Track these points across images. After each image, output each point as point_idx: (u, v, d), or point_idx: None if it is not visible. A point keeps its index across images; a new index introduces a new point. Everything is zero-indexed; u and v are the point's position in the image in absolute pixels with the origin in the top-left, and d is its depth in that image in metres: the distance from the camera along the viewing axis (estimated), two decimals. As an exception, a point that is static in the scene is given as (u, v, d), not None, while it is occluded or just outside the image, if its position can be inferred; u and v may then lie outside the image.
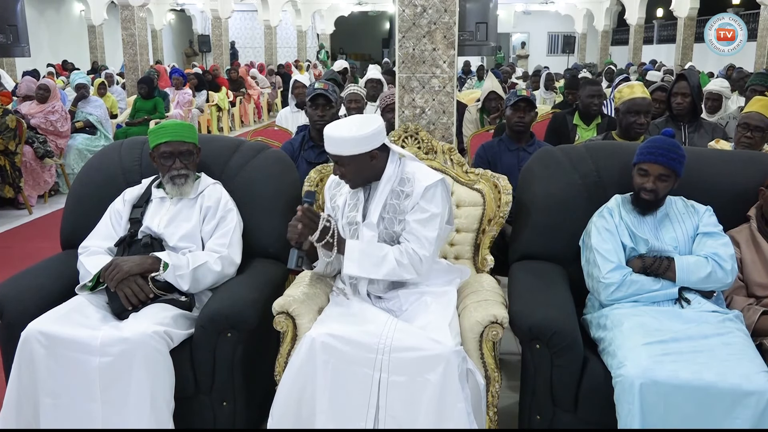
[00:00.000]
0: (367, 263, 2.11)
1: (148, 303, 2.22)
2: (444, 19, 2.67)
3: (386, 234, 2.19)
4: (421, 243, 2.13)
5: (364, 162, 2.14)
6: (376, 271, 2.11)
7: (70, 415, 2.00)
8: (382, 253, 2.12)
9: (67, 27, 18.60)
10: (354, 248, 2.12)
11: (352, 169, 2.15)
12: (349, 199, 2.26)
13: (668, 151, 2.21)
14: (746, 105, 3.31)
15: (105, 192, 2.57)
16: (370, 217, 2.18)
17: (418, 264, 2.13)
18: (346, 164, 2.13)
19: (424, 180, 2.16)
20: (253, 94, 12.50)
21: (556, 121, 4.50)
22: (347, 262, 2.11)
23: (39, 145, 6.01)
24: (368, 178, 2.20)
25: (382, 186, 2.19)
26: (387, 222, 2.18)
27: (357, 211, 2.22)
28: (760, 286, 2.28)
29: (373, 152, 2.14)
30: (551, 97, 8.63)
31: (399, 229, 2.17)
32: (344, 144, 2.10)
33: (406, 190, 2.17)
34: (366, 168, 2.16)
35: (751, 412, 1.78)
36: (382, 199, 2.18)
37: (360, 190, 2.24)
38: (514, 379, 2.56)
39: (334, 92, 3.27)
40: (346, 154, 2.11)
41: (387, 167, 2.19)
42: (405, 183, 2.18)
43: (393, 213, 2.18)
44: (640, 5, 16.65)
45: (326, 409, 1.89)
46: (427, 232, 2.13)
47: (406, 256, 2.12)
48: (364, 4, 21.27)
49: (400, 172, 2.20)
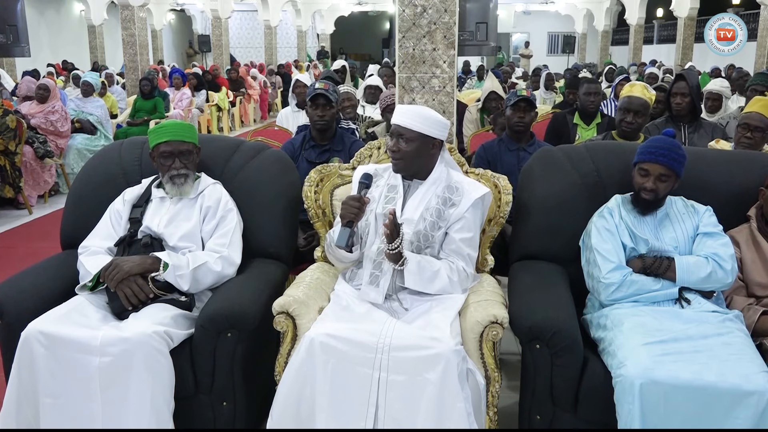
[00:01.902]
0: (424, 277, 2.15)
1: (148, 303, 2.22)
2: (444, 19, 2.67)
3: (423, 236, 2.19)
4: (467, 261, 2.20)
5: (425, 146, 2.18)
6: (431, 286, 2.16)
7: (70, 415, 2.00)
8: (435, 268, 2.16)
9: (67, 27, 18.60)
10: (412, 260, 2.14)
11: (412, 149, 2.17)
12: (387, 192, 2.26)
13: (669, 151, 2.21)
14: (746, 105, 3.31)
15: (105, 192, 2.57)
16: (410, 213, 2.20)
17: (465, 281, 2.20)
18: (409, 141, 2.17)
19: (473, 192, 2.21)
20: (253, 94, 12.50)
21: (556, 121, 4.51)
22: (408, 275, 2.14)
23: (39, 145, 6.01)
24: (418, 167, 2.22)
25: (427, 186, 2.22)
26: (428, 224, 2.19)
27: (395, 205, 2.23)
28: (760, 286, 2.28)
29: (436, 141, 2.20)
30: (551, 97, 8.63)
31: (438, 235, 2.19)
32: (416, 117, 2.16)
33: (453, 199, 2.20)
34: (423, 155, 2.19)
35: (751, 412, 1.78)
36: (425, 199, 2.20)
37: (399, 185, 2.25)
38: (514, 379, 2.56)
39: (334, 92, 3.27)
40: (415, 129, 2.15)
41: (435, 169, 2.24)
42: (453, 191, 2.21)
43: (436, 217, 2.19)
44: (640, 5, 16.64)
45: (326, 408, 1.89)
46: (470, 250, 2.22)
47: (456, 274, 2.17)
48: (364, 4, 21.27)
49: (446, 179, 2.24)
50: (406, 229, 2.18)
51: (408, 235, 2.18)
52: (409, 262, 2.14)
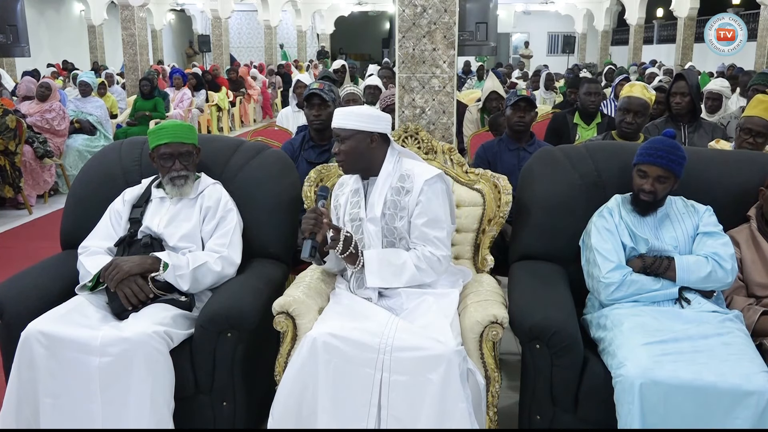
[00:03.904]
0: (388, 273, 2.14)
1: (148, 303, 2.22)
2: (444, 19, 2.67)
3: (387, 230, 2.21)
4: (435, 244, 2.17)
5: (362, 142, 2.18)
6: (398, 280, 2.15)
7: (70, 415, 2.00)
8: (401, 261, 2.15)
9: (67, 27, 18.60)
10: (372, 259, 2.14)
11: (350, 147, 2.18)
12: (351, 197, 2.28)
13: (668, 152, 2.21)
14: (747, 105, 3.29)
15: (105, 192, 2.57)
16: (373, 211, 2.20)
17: (438, 265, 2.18)
18: (345, 140, 2.18)
19: (423, 175, 2.20)
20: (253, 94, 12.50)
21: (556, 121, 4.51)
22: (369, 275, 2.13)
23: (39, 145, 6.01)
24: (364, 164, 2.23)
25: (382, 181, 2.22)
26: (388, 218, 2.20)
27: (359, 207, 2.25)
28: (760, 286, 2.28)
29: (373, 135, 2.19)
30: (551, 97, 8.64)
31: (400, 225, 2.19)
32: (348, 116, 2.17)
33: (406, 186, 2.20)
34: (363, 151, 2.19)
35: (751, 412, 1.78)
36: (382, 194, 2.20)
37: (360, 187, 2.27)
38: (514, 379, 2.56)
39: (330, 91, 3.26)
40: (347, 127, 2.16)
41: (385, 164, 2.23)
42: (405, 179, 2.21)
43: (394, 209, 2.20)
44: (640, 5, 16.64)
45: (328, 408, 1.89)
46: (436, 232, 2.18)
47: (424, 260, 2.15)
48: (364, 4, 21.28)
49: (398, 169, 2.23)
50: (371, 226, 2.20)
51: (376, 232, 2.20)
52: (369, 262, 2.13)
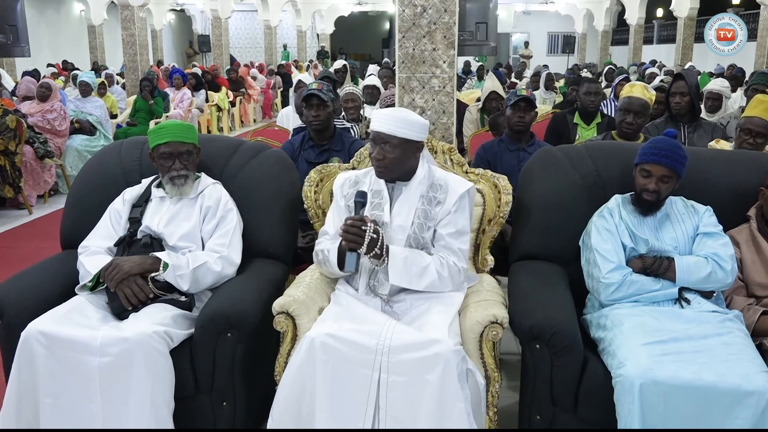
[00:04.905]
0: (412, 274, 2.11)
1: (148, 303, 2.22)
2: (444, 19, 2.67)
3: (414, 239, 2.18)
4: (458, 256, 2.17)
5: (409, 151, 2.15)
6: (419, 282, 2.12)
7: (70, 415, 2.00)
8: (424, 263, 2.12)
9: (67, 27, 18.60)
10: (398, 257, 2.11)
11: (397, 155, 2.13)
12: (372, 198, 2.22)
13: (671, 152, 2.21)
14: (747, 105, 3.29)
15: (105, 192, 2.56)
16: (401, 218, 2.17)
17: (457, 276, 2.17)
18: (394, 147, 2.12)
19: (457, 188, 2.18)
20: (253, 94, 12.50)
21: (556, 120, 4.52)
22: (392, 272, 2.10)
23: (39, 145, 6.00)
24: (403, 171, 2.19)
25: (414, 187, 2.19)
26: (417, 227, 2.17)
27: (382, 211, 2.20)
28: (760, 286, 2.28)
29: (420, 144, 2.17)
30: (551, 97, 8.64)
31: (428, 235, 2.17)
32: (403, 124, 2.11)
33: (438, 197, 2.18)
34: (408, 159, 2.16)
35: (751, 412, 1.78)
36: (414, 202, 2.17)
37: (383, 190, 2.23)
38: (514, 379, 2.56)
39: (329, 91, 3.26)
40: (399, 135, 2.11)
41: (418, 170, 2.21)
42: (437, 189, 2.19)
43: (424, 218, 2.18)
44: (640, 5, 16.64)
45: (326, 408, 1.89)
46: (461, 244, 2.18)
47: (447, 269, 2.14)
48: (364, 4, 21.28)
49: (430, 177, 2.22)
50: (398, 234, 2.16)
51: (400, 240, 2.16)
52: (395, 258, 2.10)
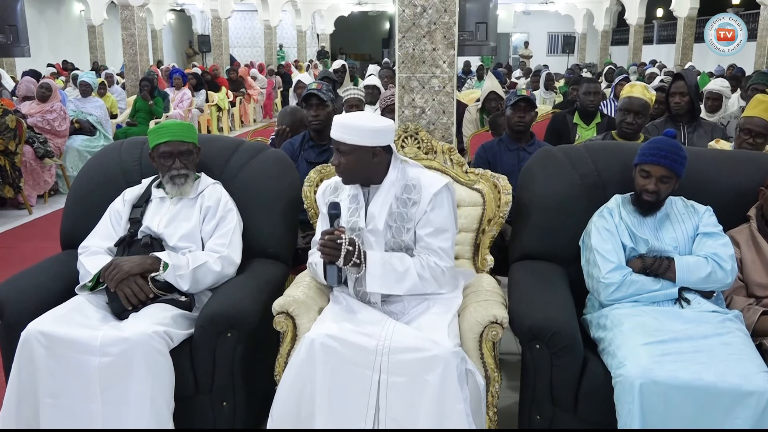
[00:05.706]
0: (390, 279, 2.07)
1: (148, 303, 2.22)
2: (444, 19, 2.67)
3: (394, 243, 2.14)
4: (439, 255, 2.11)
5: (364, 157, 2.10)
6: (399, 287, 2.08)
7: (70, 415, 2.00)
8: (404, 267, 2.08)
9: (67, 27, 18.60)
10: (376, 264, 2.07)
11: (351, 161, 2.10)
12: (349, 203, 2.20)
13: (671, 152, 2.21)
14: (747, 105, 3.29)
15: (105, 192, 2.57)
16: (374, 222, 2.14)
17: (441, 276, 2.12)
18: (347, 154, 2.10)
19: (431, 186, 2.13)
20: (253, 94, 12.50)
21: (556, 120, 4.52)
22: (370, 279, 2.06)
23: (39, 145, 6.00)
24: (364, 176, 2.16)
25: (385, 191, 2.15)
26: (395, 230, 2.14)
27: (359, 216, 2.17)
28: (760, 286, 2.28)
29: (376, 149, 2.11)
30: (551, 97, 8.64)
31: (407, 238, 2.14)
32: (350, 131, 2.07)
33: (413, 198, 2.13)
34: (365, 164, 2.12)
35: (751, 412, 1.78)
36: (386, 205, 2.13)
37: (359, 194, 2.20)
38: (514, 379, 2.56)
39: (328, 91, 3.26)
40: (348, 142, 2.07)
41: (389, 172, 2.16)
42: (411, 190, 2.14)
43: (401, 221, 2.14)
44: (640, 5, 16.64)
45: (326, 409, 1.89)
46: (441, 242, 2.12)
47: (428, 270, 2.09)
48: (364, 4, 21.28)
49: (403, 178, 2.16)
50: (372, 237, 2.13)
51: (377, 243, 2.12)
52: (373, 265, 2.06)
